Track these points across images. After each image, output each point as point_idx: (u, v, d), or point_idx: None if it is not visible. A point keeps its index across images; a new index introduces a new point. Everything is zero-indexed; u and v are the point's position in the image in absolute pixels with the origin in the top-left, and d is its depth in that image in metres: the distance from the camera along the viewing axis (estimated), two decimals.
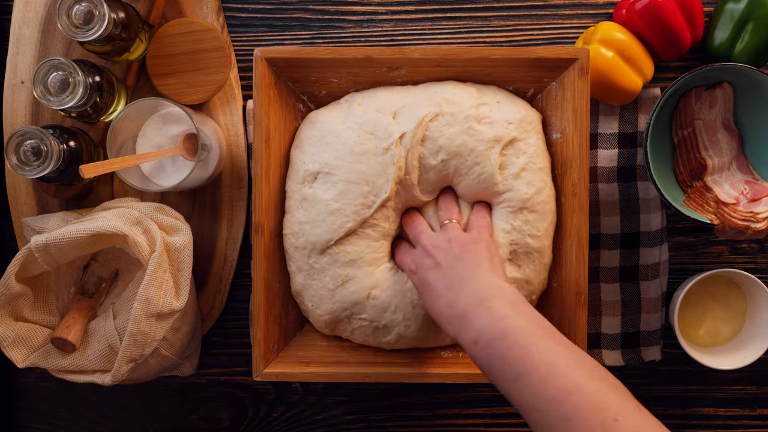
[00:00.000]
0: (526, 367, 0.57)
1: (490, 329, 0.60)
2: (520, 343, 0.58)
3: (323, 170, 0.74)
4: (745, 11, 0.77)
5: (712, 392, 0.87)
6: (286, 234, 0.76)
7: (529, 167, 0.74)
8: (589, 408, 0.53)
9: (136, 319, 0.71)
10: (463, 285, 0.64)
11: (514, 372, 0.57)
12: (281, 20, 0.86)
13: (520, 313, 0.61)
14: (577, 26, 0.85)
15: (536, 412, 0.55)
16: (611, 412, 0.52)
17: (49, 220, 0.78)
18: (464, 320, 0.62)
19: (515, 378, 0.57)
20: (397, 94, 0.75)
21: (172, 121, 0.80)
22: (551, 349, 0.57)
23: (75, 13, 0.72)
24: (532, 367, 0.56)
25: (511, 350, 0.58)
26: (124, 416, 0.88)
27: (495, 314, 0.60)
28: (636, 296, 0.84)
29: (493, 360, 0.58)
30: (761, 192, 0.78)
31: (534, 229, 0.74)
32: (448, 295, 0.64)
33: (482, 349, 0.59)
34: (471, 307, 0.62)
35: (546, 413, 0.54)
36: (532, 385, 0.56)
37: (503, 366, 0.58)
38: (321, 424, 0.88)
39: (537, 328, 0.59)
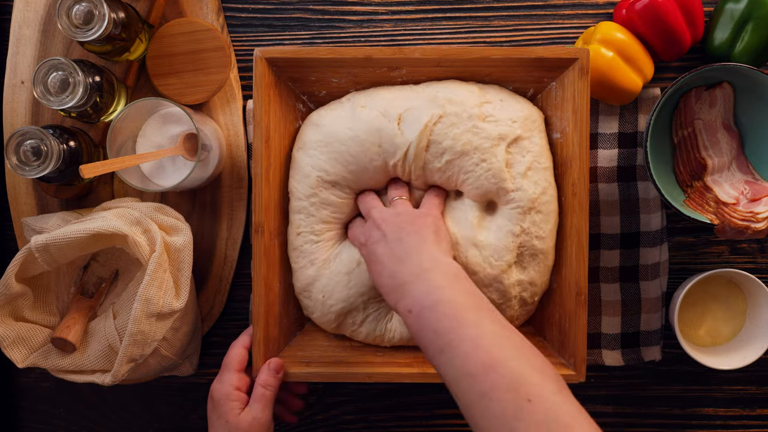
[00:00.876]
0: (452, 340, 0.57)
1: (424, 298, 0.61)
2: (449, 314, 0.59)
3: (341, 182, 0.75)
4: (745, 11, 0.77)
5: (712, 392, 0.87)
6: (302, 232, 0.76)
7: (534, 166, 0.74)
8: (504, 387, 0.53)
9: (136, 319, 0.71)
10: (407, 257, 0.65)
11: (441, 344, 0.58)
12: (281, 20, 0.86)
13: (457, 287, 0.61)
14: (577, 26, 0.85)
15: (457, 387, 0.56)
16: (524, 391, 0.53)
17: (49, 220, 0.78)
18: (404, 290, 0.63)
19: (441, 350, 0.58)
20: (400, 93, 0.75)
21: (172, 121, 0.80)
22: (480, 325, 0.58)
23: (75, 13, 0.72)
24: (458, 340, 0.57)
25: (441, 321, 0.59)
26: (124, 416, 0.88)
27: (431, 285, 0.61)
28: (636, 296, 0.84)
29: (423, 330, 0.59)
30: (761, 192, 0.78)
31: (540, 230, 0.74)
32: (391, 266, 0.65)
33: (415, 318, 0.60)
34: (411, 277, 0.63)
35: (466, 388, 0.55)
36: (456, 358, 0.56)
37: (432, 337, 0.59)
38: (321, 424, 0.88)
39: (471, 303, 0.60)
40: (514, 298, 0.75)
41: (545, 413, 0.52)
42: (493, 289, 0.74)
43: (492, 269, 0.73)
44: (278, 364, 0.73)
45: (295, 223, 0.77)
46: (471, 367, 0.55)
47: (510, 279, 0.74)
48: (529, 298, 0.76)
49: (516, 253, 0.74)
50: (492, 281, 0.74)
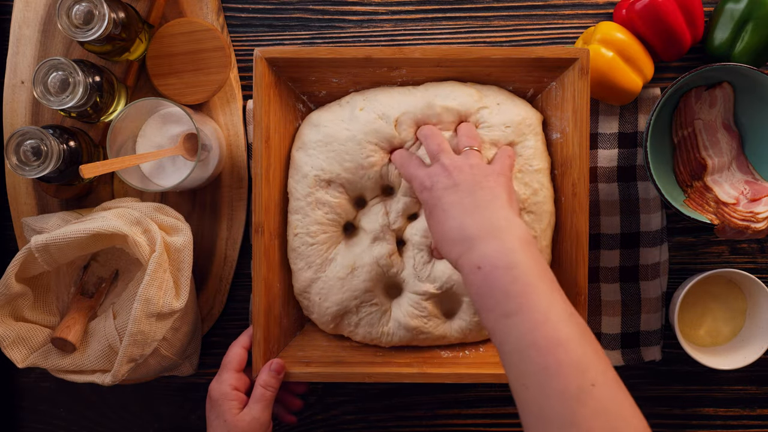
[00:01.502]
0: (522, 306, 0.55)
1: (497, 257, 0.58)
2: (523, 279, 0.57)
3: (336, 180, 0.75)
4: (745, 11, 0.77)
5: (712, 392, 0.87)
6: (299, 234, 0.76)
7: (525, 169, 0.75)
8: (571, 365, 0.52)
9: (136, 319, 0.71)
10: (479, 211, 0.62)
11: (510, 308, 0.56)
12: (281, 20, 0.86)
13: (529, 252, 0.59)
14: (577, 26, 0.85)
15: (517, 355, 0.54)
16: (590, 376, 0.52)
17: (49, 220, 0.78)
18: (472, 244, 0.60)
19: (508, 314, 0.55)
20: (398, 97, 0.75)
21: (172, 121, 0.80)
22: (551, 297, 0.56)
23: (75, 13, 0.72)
24: (528, 307, 0.55)
25: (513, 284, 0.56)
26: (124, 416, 0.88)
27: (505, 245, 0.59)
28: (636, 296, 0.84)
29: (492, 290, 0.57)
30: (761, 192, 0.78)
31: (532, 230, 0.74)
32: (461, 217, 0.62)
33: (484, 276, 0.58)
34: (483, 232, 0.60)
35: (527, 358, 0.53)
36: (522, 325, 0.55)
37: (501, 298, 0.56)
38: (321, 424, 0.88)
39: (542, 271, 0.58)
40: None
41: (608, 401, 0.51)
42: None
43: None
44: (279, 365, 0.73)
45: (292, 224, 0.77)
46: (539, 337, 0.53)
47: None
48: None
49: None
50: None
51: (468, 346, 0.79)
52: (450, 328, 0.77)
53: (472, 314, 0.76)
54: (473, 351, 0.78)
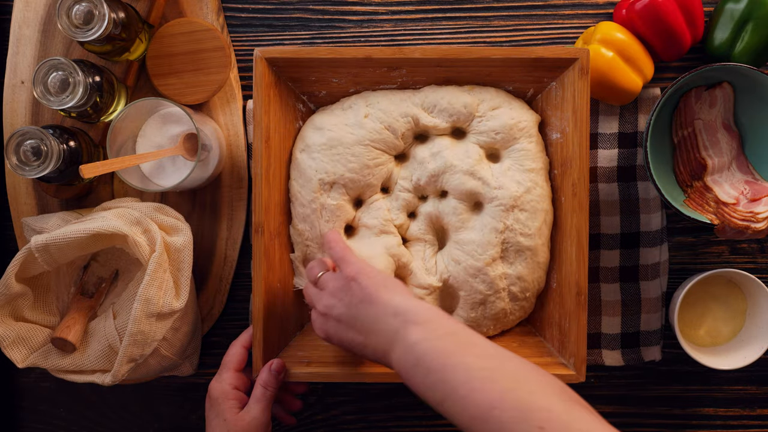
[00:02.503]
0: (445, 389, 0.56)
1: (405, 360, 0.60)
2: (433, 367, 0.57)
3: (339, 181, 0.76)
4: (745, 11, 0.77)
5: (712, 392, 0.87)
6: (310, 246, 0.79)
7: (514, 168, 0.76)
8: (512, 420, 0.52)
9: (136, 319, 0.71)
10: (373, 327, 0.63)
11: (438, 396, 0.57)
12: (281, 20, 0.86)
13: (431, 334, 0.59)
14: (577, 26, 0.85)
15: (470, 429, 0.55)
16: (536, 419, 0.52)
17: (49, 220, 0.78)
18: (387, 358, 0.62)
19: (440, 401, 0.57)
20: (401, 104, 0.76)
21: (172, 121, 0.80)
22: (466, 366, 0.57)
23: (75, 13, 0.72)
24: (451, 389, 0.56)
25: (428, 377, 0.58)
26: (124, 416, 0.88)
27: (406, 344, 0.60)
28: (636, 296, 0.84)
29: (418, 388, 0.59)
30: (761, 192, 0.78)
31: (525, 227, 0.75)
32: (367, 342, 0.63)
33: (405, 378, 0.60)
34: (387, 345, 0.62)
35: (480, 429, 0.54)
36: (456, 406, 0.56)
37: (426, 392, 0.58)
38: (321, 424, 0.88)
39: (451, 344, 0.58)
40: (502, 290, 0.76)
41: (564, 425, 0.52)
42: (480, 281, 0.76)
43: (476, 262, 0.75)
44: (280, 365, 0.73)
45: (302, 234, 0.78)
46: (473, 410, 0.54)
47: (495, 271, 0.76)
48: (519, 293, 0.76)
49: (500, 249, 0.75)
50: (477, 272, 0.75)
51: None
52: None
53: (469, 310, 0.77)
54: None
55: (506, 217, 0.75)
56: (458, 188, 0.75)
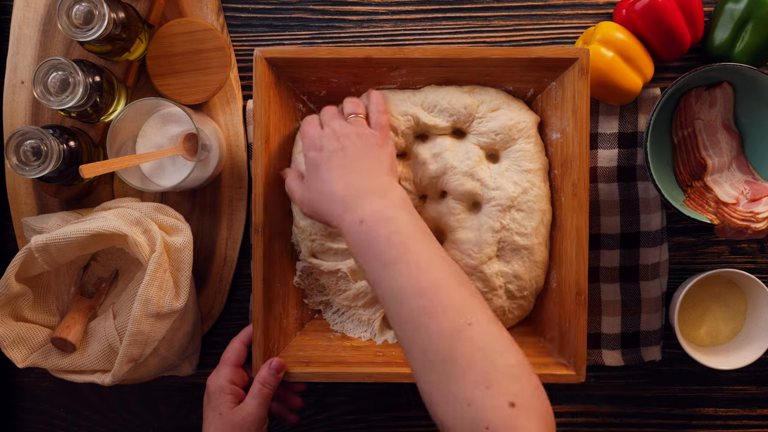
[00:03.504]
0: (403, 254, 0.60)
1: (381, 212, 0.62)
2: (404, 231, 0.61)
3: None
4: (745, 11, 0.77)
5: (712, 392, 0.87)
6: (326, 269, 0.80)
7: (513, 168, 0.76)
8: (449, 307, 0.56)
9: (136, 319, 0.71)
10: (363, 175, 0.66)
11: (392, 256, 0.60)
12: (281, 20, 0.86)
13: (408, 211, 0.64)
14: (577, 26, 0.85)
15: (399, 301, 0.58)
16: (467, 316, 0.56)
17: (49, 220, 0.78)
18: (356, 202, 0.64)
19: (392, 261, 0.59)
20: (401, 103, 0.76)
21: (172, 121, 0.80)
22: (429, 247, 0.61)
23: (75, 13, 0.72)
24: (410, 255, 0.59)
25: (395, 235, 0.61)
26: (124, 416, 0.88)
27: (387, 202, 0.64)
28: (636, 296, 0.84)
29: (375, 240, 0.61)
30: (761, 192, 0.78)
31: (522, 227, 0.75)
32: (347, 178, 0.66)
33: (367, 229, 0.62)
34: (366, 192, 0.65)
35: (407, 305, 0.58)
36: (404, 273, 0.59)
37: (383, 248, 0.60)
38: (321, 424, 0.88)
39: (420, 226, 0.63)
40: (499, 288, 0.76)
41: (485, 338, 0.55)
42: (476, 278, 0.76)
43: (472, 260, 0.76)
44: (280, 363, 0.73)
45: (307, 231, 0.78)
46: (420, 284, 0.58)
47: (491, 269, 0.76)
48: (516, 292, 0.77)
49: (496, 248, 0.76)
50: (473, 270, 0.76)
51: None
52: None
53: None
54: None
55: (503, 217, 0.75)
56: (457, 189, 0.75)
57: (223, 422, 0.71)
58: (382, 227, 0.61)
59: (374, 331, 0.80)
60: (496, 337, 0.56)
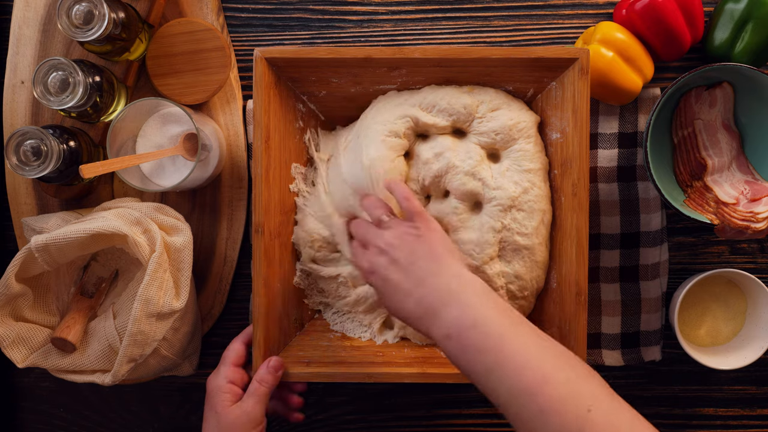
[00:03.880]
0: (498, 357, 0.57)
1: (462, 320, 0.59)
2: (491, 333, 0.58)
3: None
4: (745, 11, 0.77)
5: (712, 392, 0.87)
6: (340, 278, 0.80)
7: (513, 168, 0.76)
8: (562, 399, 0.54)
9: (136, 319, 0.71)
10: (427, 279, 0.63)
11: (489, 363, 0.57)
12: (281, 20, 0.86)
13: (490, 303, 0.60)
14: (577, 26, 0.85)
15: (512, 404, 0.56)
16: (584, 401, 0.53)
17: (49, 220, 0.78)
18: (435, 315, 0.61)
19: (490, 369, 0.57)
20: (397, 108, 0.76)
21: (172, 121, 0.80)
22: (522, 339, 0.58)
23: (75, 13, 0.72)
24: (505, 357, 0.57)
25: (484, 341, 0.58)
26: (124, 416, 0.88)
27: (465, 305, 0.60)
28: (636, 296, 0.84)
29: (467, 352, 0.58)
30: (761, 192, 0.78)
31: (522, 227, 0.75)
32: (415, 293, 0.63)
33: (455, 341, 0.59)
34: (440, 301, 0.61)
35: (521, 406, 0.55)
36: (506, 376, 0.56)
37: (477, 357, 0.58)
38: (321, 424, 0.88)
39: (507, 317, 0.59)
40: (500, 288, 0.77)
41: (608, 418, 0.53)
42: None
43: (474, 260, 0.76)
44: (278, 362, 0.73)
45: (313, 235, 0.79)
46: (525, 383, 0.55)
47: (493, 269, 0.76)
48: (517, 292, 0.77)
49: (497, 248, 0.76)
50: (475, 271, 0.76)
51: None
52: None
53: None
54: None
55: (504, 216, 0.75)
56: (459, 189, 0.75)
57: (219, 420, 0.71)
58: (469, 337, 0.58)
59: (374, 332, 0.80)
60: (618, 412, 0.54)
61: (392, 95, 0.78)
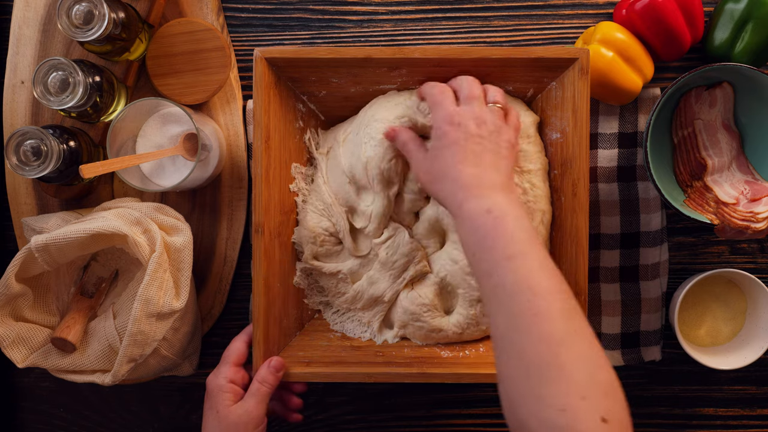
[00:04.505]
0: (525, 250, 0.59)
1: (508, 207, 0.62)
2: (527, 229, 0.61)
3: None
4: (745, 11, 0.77)
5: (712, 392, 0.87)
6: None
7: (514, 170, 0.75)
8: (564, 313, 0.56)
9: (136, 319, 0.71)
10: (494, 169, 0.66)
11: (515, 250, 0.59)
12: (281, 20, 0.86)
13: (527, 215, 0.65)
14: (577, 26, 0.85)
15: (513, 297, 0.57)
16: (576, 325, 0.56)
17: (49, 220, 0.78)
18: (483, 191, 0.63)
19: (514, 255, 0.59)
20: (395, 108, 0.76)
21: (172, 121, 0.80)
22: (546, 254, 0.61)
23: (75, 13, 0.72)
24: (533, 252, 0.59)
25: (520, 231, 0.60)
26: (124, 416, 0.88)
27: (513, 200, 0.63)
28: (636, 296, 0.84)
29: (500, 232, 0.60)
30: (761, 192, 0.78)
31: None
32: (478, 167, 0.65)
33: (494, 219, 0.61)
34: (497, 185, 0.64)
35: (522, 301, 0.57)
36: (526, 267, 0.58)
37: (507, 241, 0.60)
38: (321, 424, 0.88)
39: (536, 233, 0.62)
40: None
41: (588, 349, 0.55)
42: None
43: None
44: (279, 362, 0.73)
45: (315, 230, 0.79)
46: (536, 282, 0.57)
47: None
48: None
49: None
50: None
51: (468, 346, 0.79)
52: (447, 322, 0.78)
53: (468, 307, 0.77)
54: (473, 351, 0.78)
55: None
56: None
57: (220, 420, 0.71)
58: (509, 221, 0.61)
59: (374, 332, 0.80)
60: (597, 350, 0.55)
61: (392, 95, 0.78)
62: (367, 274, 0.79)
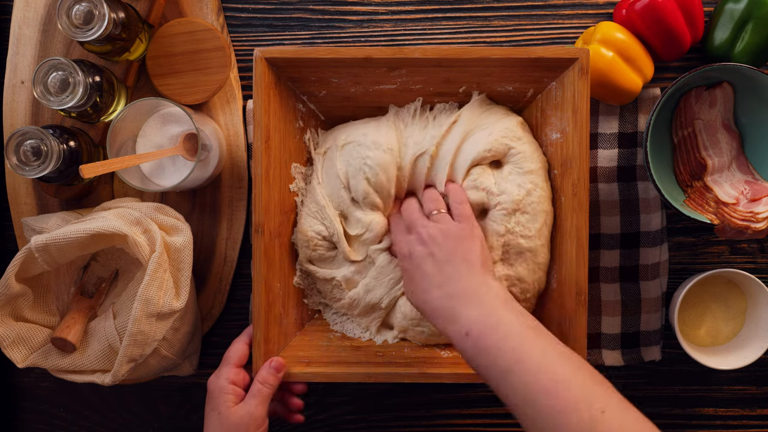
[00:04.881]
0: (518, 358, 0.58)
1: (483, 320, 0.61)
2: (511, 335, 0.60)
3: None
4: (745, 11, 0.77)
5: (712, 392, 0.87)
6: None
7: (514, 172, 0.76)
8: (581, 400, 0.55)
9: (136, 319, 0.71)
10: (458, 279, 0.65)
11: (507, 363, 0.59)
12: (281, 20, 0.86)
13: (511, 308, 0.63)
14: (577, 26, 0.85)
15: (528, 405, 0.57)
16: (597, 404, 0.55)
17: (49, 220, 0.78)
18: (455, 312, 0.63)
19: (508, 369, 0.58)
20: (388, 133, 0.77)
21: (172, 121, 0.80)
22: (541, 343, 0.60)
23: (75, 13, 0.72)
24: (524, 359, 0.58)
25: (504, 342, 0.60)
26: (124, 416, 0.88)
27: (487, 307, 0.62)
28: (636, 296, 0.84)
29: (485, 352, 0.60)
30: (761, 192, 0.78)
31: (526, 229, 0.75)
32: (443, 287, 0.65)
33: (473, 340, 0.61)
34: (466, 299, 0.63)
35: (536, 405, 0.56)
36: (525, 376, 0.57)
37: (496, 357, 0.59)
38: (321, 424, 0.88)
39: (525, 323, 0.61)
40: None
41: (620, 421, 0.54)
42: None
43: None
44: (280, 363, 0.73)
45: (308, 234, 0.78)
46: (543, 384, 0.56)
47: (496, 274, 0.76)
48: (519, 294, 0.77)
49: (500, 251, 0.76)
50: None
51: None
52: None
53: None
54: None
55: (508, 220, 0.75)
56: None
57: (222, 421, 0.71)
58: (489, 336, 0.60)
59: (373, 333, 0.80)
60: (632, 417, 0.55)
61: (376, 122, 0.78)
62: (363, 281, 0.78)
